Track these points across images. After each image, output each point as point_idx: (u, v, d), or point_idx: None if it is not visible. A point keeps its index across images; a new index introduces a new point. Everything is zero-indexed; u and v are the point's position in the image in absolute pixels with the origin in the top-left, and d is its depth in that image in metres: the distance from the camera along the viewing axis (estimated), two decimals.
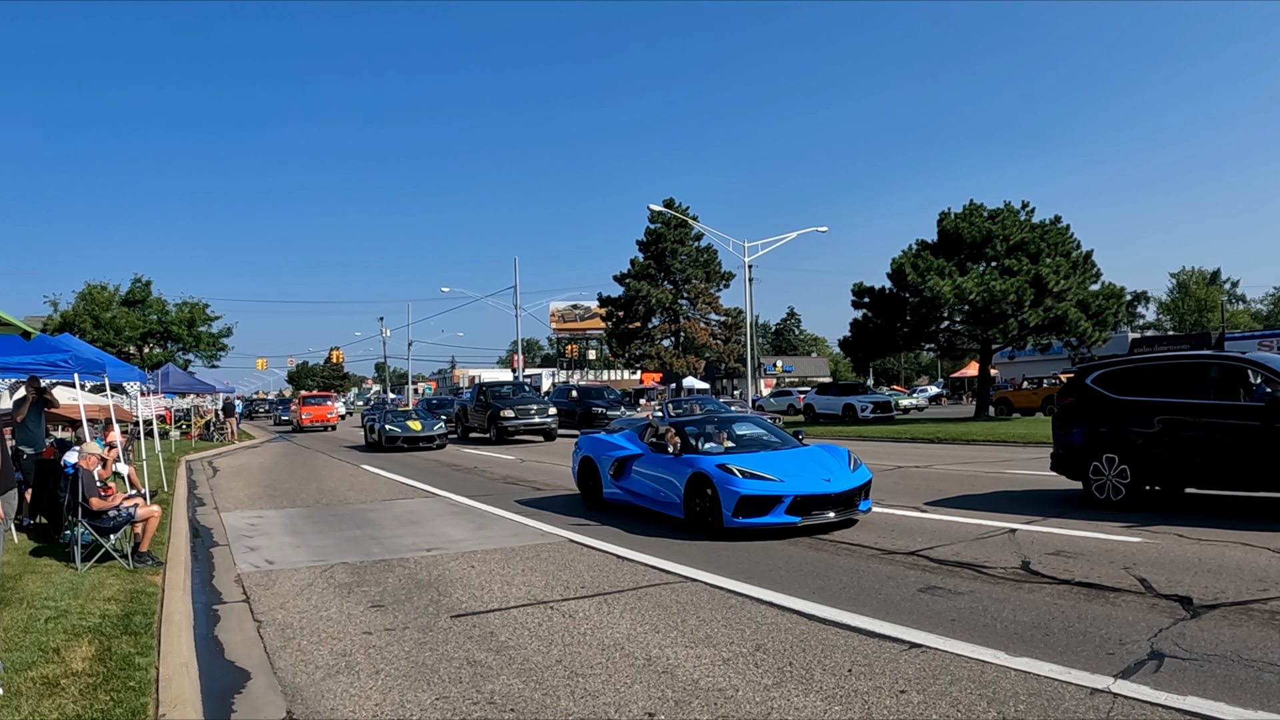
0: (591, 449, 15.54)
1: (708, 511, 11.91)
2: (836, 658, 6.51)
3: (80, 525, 10.35)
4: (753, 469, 11.79)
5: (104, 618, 7.98)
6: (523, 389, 42.94)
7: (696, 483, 12.17)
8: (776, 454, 12.85)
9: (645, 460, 13.93)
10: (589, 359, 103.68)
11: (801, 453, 13.08)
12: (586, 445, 15.86)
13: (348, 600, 9.07)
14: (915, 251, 42.13)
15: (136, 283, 56.02)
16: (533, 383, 58.92)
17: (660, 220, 63.63)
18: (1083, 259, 40.46)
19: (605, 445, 15.26)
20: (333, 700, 6.04)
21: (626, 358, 68.26)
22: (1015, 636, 6.85)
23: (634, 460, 14.21)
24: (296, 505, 17.36)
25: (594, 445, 15.61)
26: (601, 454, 15.10)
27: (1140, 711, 5.23)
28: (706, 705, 5.65)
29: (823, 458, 12.80)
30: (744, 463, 12.05)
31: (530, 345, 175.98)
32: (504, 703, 5.84)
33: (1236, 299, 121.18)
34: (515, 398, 38.48)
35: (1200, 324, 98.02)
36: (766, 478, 11.60)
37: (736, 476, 11.59)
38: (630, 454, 14.35)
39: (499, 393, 39.38)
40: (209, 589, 10.04)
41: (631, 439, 14.87)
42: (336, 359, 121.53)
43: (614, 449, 14.83)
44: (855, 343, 44.93)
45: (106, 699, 5.84)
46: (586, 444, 15.90)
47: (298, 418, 58.52)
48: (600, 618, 7.99)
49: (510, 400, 37.74)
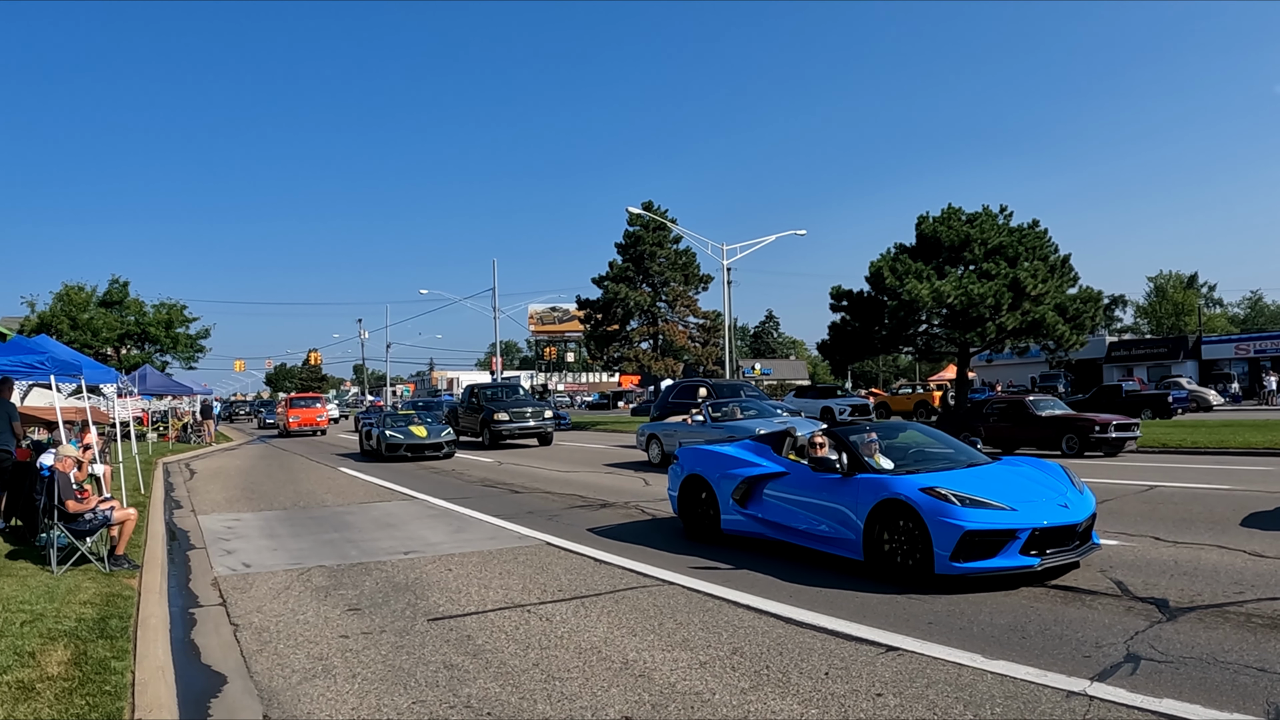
0: (701, 465, 12.36)
1: (906, 551, 8.98)
2: (813, 661, 6.53)
3: (56, 528, 10.27)
4: (973, 493, 8.84)
5: (80, 621, 7.93)
6: (517, 390, 40.88)
7: (887, 512, 9.16)
8: (979, 472, 9.89)
9: (792, 481, 10.78)
10: (567, 361, 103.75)
11: (1009, 470, 10.15)
12: (692, 460, 12.70)
13: (325, 603, 9.05)
14: (893, 255, 42.18)
15: (114, 283, 55.64)
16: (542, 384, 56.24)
17: (639, 223, 63.71)
18: (1060, 263, 40.61)
19: (722, 460, 12.08)
20: (309, 704, 6.02)
21: (605, 360, 68.18)
22: (992, 639, 6.88)
23: (771, 481, 11.08)
24: (274, 508, 17.29)
25: (704, 460, 12.42)
26: (719, 472, 11.86)
27: (1116, 714, 5.27)
28: (683, 708, 5.66)
29: (1039, 475, 9.95)
30: (957, 484, 9.09)
31: (509, 347, 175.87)
32: (481, 706, 5.83)
33: (1213, 303, 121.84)
34: (509, 400, 36.56)
35: (1177, 327, 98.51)
36: (995, 505, 8.70)
37: (954, 504, 8.63)
38: (766, 472, 11.17)
39: (492, 395, 37.60)
40: (185, 592, 10.00)
41: (761, 452, 11.77)
42: (315, 361, 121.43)
43: (738, 465, 11.66)
44: (834, 346, 44.94)
45: (82, 703, 5.81)
46: (691, 459, 12.75)
47: (284, 421, 54.93)
48: (577, 621, 7.99)
49: (504, 403, 35.77)
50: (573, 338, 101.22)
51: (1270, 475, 17.02)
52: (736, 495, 11.43)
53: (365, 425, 33.14)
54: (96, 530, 10.72)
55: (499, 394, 38.18)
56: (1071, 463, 20.04)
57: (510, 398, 37.43)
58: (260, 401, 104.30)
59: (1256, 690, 5.57)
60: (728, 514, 11.62)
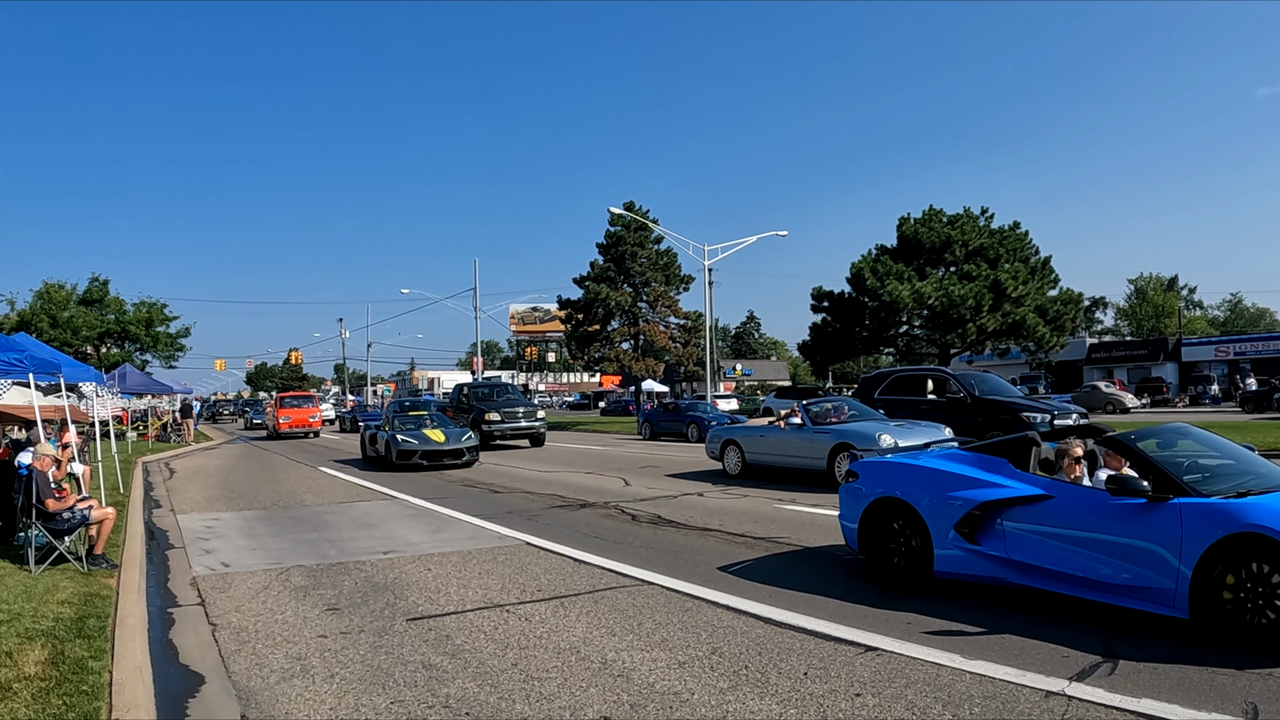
0: (900, 484, 9.28)
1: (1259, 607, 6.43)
2: (792, 661, 6.54)
3: (34, 527, 10.23)
4: None
5: (58, 621, 7.89)
6: (508, 390, 39.36)
7: (1231, 553, 6.55)
8: None
9: (1059, 507, 7.90)
10: (548, 361, 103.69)
11: None
12: (882, 477, 9.60)
13: (303, 603, 9.02)
14: (875, 256, 42.40)
15: (94, 282, 55.36)
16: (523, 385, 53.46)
17: (620, 223, 63.62)
18: (1041, 265, 40.87)
19: (936, 478, 9.02)
20: (287, 704, 6.01)
21: (585, 360, 68.08)
22: (970, 640, 6.91)
23: (1018, 507, 8.16)
24: (253, 508, 17.23)
25: (904, 478, 9.32)
26: (932, 493, 8.88)
27: (1095, 713, 5.30)
28: (662, 708, 5.67)
29: None
30: None
31: (490, 347, 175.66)
32: (459, 706, 5.83)
33: (1193, 305, 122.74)
34: (501, 400, 35.37)
35: (1157, 329, 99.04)
36: None
37: None
38: (1014, 495, 8.20)
39: (483, 394, 36.39)
40: (164, 592, 9.96)
41: (992, 466, 8.76)
42: (295, 360, 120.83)
43: (964, 485, 8.65)
44: (815, 346, 45.16)
45: (59, 703, 5.79)
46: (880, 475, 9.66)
47: (274, 422, 50.03)
48: (556, 621, 7.99)
49: (495, 402, 34.64)
50: (554, 338, 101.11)
51: None
52: (963, 526, 8.53)
53: (369, 429, 28.85)
54: (75, 529, 10.68)
55: (490, 393, 36.93)
56: None
57: (501, 397, 36.28)
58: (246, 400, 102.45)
59: (1234, 689, 5.61)
60: (945, 549, 8.67)
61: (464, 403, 35.60)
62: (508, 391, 38.52)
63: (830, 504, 13.11)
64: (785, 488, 17.19)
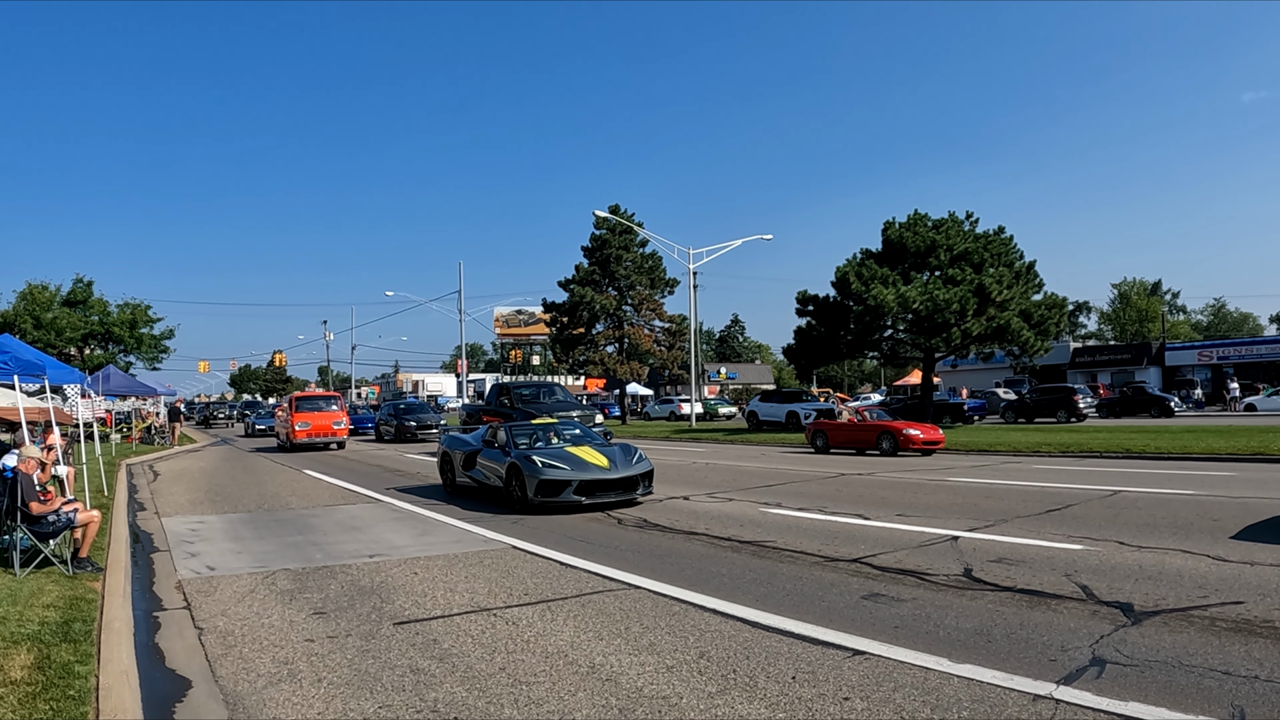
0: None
1: None
2: (780, 665, 6.54)
3: (19, 530, 10.18)
4: None
5: (43, 625, 7.85)
6: (554, 389, 34.41)
7: None
8: None
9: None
10: (533, 364, 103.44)
11: None
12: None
13: (290, 607, 8.99)
14: (860, 260, 42.35)
15: (78, 283, 55.09)
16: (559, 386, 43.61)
17: (605, 226, 63.52)
18: (1025, 269, 40.89)
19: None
20: (274, 709, 5.98)
21: (570, 363, 67.91)
22: (958, 643, 6.92)
23: None
24: (238, 510, 17.17)
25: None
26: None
27: (1082, 717, 5.31)
28: (650, 713, 5.66)
29: None
30: None
31: (474, 350, 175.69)
32: (447, 711, 5.81)
33: (1177, 310, 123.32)
34: (550, 402, 31.45)
35: (1141, 334, 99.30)
36: None
37: None
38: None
39: (527, 395, 32.28)
40: (149, 595, 9.91)
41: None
42: (279, 362, 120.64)
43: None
44: (799, 350, 45.05)
45: (45, 708, 5.75)
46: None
47: (288, 429, 38.34)
48: (544, 625, 7.97)
49: (543, 404, 30.81)
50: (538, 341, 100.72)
51: (1233, 480, 17.21)
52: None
53: (454, 444, 19.44)
54: (60, 532, 10.63)
55: (536, 394, 32.87)
56: (1029, 462, 20.16)
57: (550, 399, 32.25)
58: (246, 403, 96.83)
59: (1221, 693, 5.63)
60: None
61: (505, 406, 31.30)
62: (555, 392, 33.89)
63: (815, 507, 13.12)
64: (770, 493, 17.13)
